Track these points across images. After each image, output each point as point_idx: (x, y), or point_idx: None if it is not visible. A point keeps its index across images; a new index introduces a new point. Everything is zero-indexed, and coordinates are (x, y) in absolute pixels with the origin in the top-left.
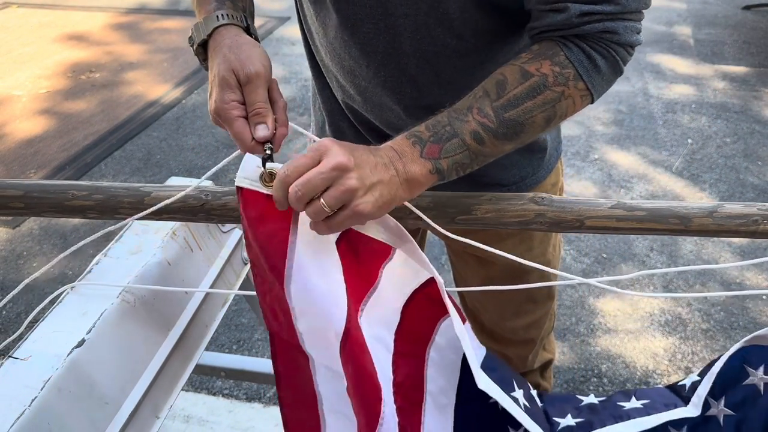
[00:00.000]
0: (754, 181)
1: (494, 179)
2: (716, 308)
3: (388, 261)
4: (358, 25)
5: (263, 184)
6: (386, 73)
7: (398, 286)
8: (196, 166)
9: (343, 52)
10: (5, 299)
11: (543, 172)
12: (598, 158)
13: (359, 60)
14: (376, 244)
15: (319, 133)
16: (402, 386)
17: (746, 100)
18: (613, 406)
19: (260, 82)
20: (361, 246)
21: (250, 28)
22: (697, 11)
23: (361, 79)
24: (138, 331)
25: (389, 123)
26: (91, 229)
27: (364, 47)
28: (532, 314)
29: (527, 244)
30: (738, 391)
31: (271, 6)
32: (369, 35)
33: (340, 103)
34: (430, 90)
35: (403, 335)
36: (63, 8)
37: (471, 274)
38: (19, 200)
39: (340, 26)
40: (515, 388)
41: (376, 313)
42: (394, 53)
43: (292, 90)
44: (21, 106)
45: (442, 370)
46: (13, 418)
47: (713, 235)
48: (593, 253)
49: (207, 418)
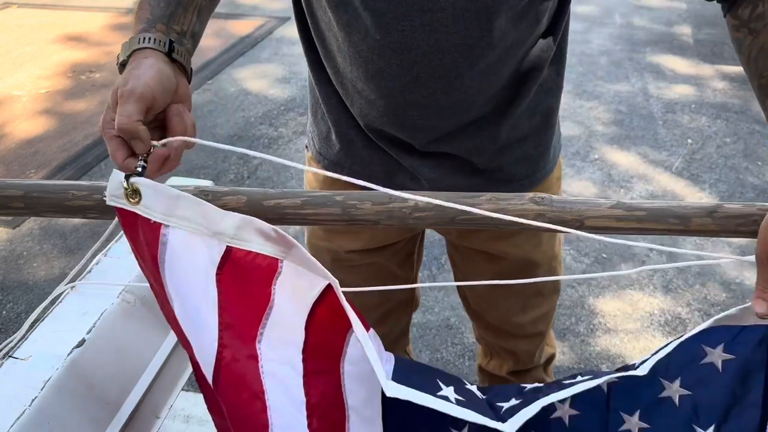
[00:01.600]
0: (754, 181)
1: (509, 174)
2: (716, 308)
3: (278, 276)
4: (393, 24)
5: (128, 201)
6: (419, 69)
7: (295, 301)
8: (196, 166)
9: (372, 54)
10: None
11: (551, 164)
12: (598, 158)
13: (390, 59)
14: (261, 260)
15: (322, 143)
16: (318, 407)
17: (746, 100)
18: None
19: (132, 99)
20: (246, 265)
21: (174, 53)
22: (697, 11)
23: (389, 80)
24: (138, 331)
25: (410, 124)
26: (91, 229)
27: (399, 45)
28: (539, 308)
29: (537, 238)
30: (694, 370)
31: (271, 6)
32: (404, 32)
33: (352, 111)
34: (461, 83)
35: (311, 353)
36: (63, 8)
37: (478, 272)
38: (19, 200)
39: (373, 26)
40: (442, 387)
41: (277, 334)
42: (429, 49)
43: (292, 90)
44: (21, 106)
45: (361, 381)
46: (13, 418)
47: (713, 235)
48: (593, 253)
49: (207, 418)
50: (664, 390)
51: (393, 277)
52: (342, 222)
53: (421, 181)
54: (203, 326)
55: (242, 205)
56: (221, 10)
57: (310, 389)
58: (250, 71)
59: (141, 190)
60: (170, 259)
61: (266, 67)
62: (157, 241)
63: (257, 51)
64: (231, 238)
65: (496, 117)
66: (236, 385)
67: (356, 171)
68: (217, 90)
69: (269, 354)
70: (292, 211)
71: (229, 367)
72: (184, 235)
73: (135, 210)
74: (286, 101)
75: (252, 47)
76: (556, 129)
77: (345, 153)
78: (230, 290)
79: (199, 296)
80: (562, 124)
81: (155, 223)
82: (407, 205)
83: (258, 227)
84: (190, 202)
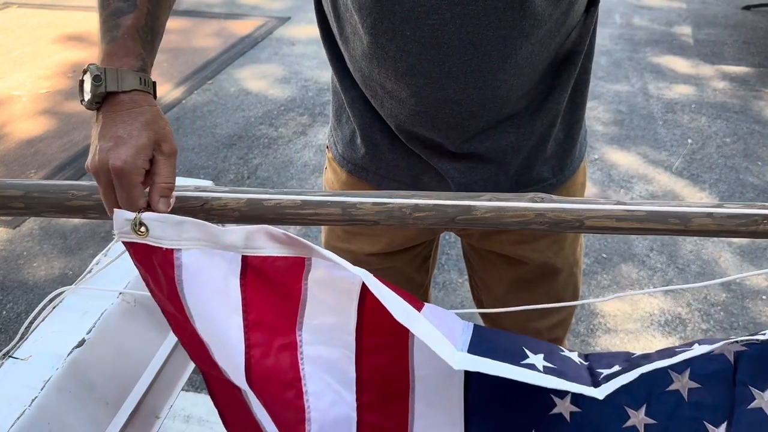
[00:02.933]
0: (754, 181)
1: (538, 175)
2: (716, 308)
3: (308, 271)
4: (422, 18)
5: (137, 234)
6: (451, 64)
7: (339, 288)
8: (196, 166)
9: (401, 52)
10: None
11: (577, 161)
12: (598, 158)
13: (421, 55)
14: (283, 261)
15: (346, 147)
16: (370, 382)
17: (746, 100)
18: (669, 352)
19: (175, 158)
20: (267, 268)
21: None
22: (697, 11)
23: (419, 77)
24: (138, 331)
25: (442, 122)
26: (91, 229)
27: (429, 40)
28: (558, 314)
29: (560, 244)
30: (662, 397)
31: (271, 6)
32: (434, 27)
33: (381, 113)
34: (495, 77)
35: (367, 332)
36: (63, 8)
37: (497, 275)
38: (19, 200)
39: (403, 22)
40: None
41: (321, 320)
42: (461, 43)
43: (292, 90)
44: (21, 106)
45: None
46: (13, 418)
47: (713, 235)
48: (593, 253)
49: (207, 418)
50: (629, 419)
51: (410, 281)
52: (342, 222)
53: (449, 185)
54: (227, 334)
55: (242, 205)
56: (221, 10)
57: (363, 366)
58: (250, 71)
59: (146, 224)
60: (187, 279)
61: (266, 67)
62: (173, 265)
63: (257, 51)
64: (244, 248)
65: (531, 113)
66: (269, 380)
67: (381, 175)
68: (217, 90)
69: (311, 339)
70: (292, 211)
71: (260, 364)
72: (198, 254)
73: (146, 242)
74: (286, 101)
75: (252, 47)
76: (583, 125)
77: (370, 157)
78: (257, 293)
79: (221, 306)
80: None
81: (168, 250)
82: (407, 205)
83: (270, 233)
84: (194, 225)
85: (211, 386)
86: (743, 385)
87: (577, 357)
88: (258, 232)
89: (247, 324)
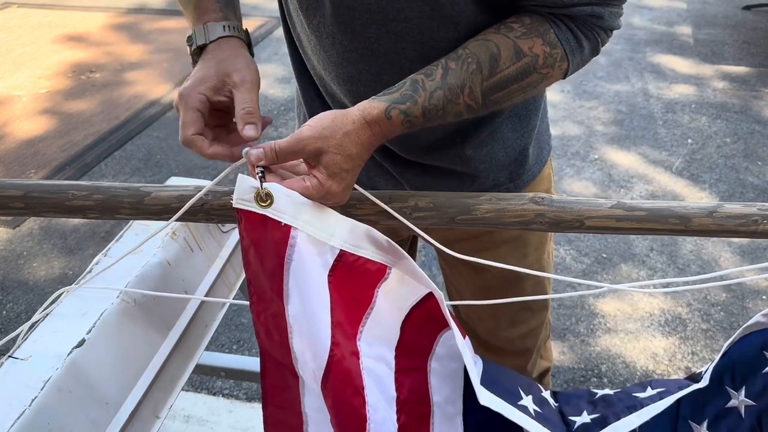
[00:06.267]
0: (754, 181)
1: (494, 180)
2: (716, 308)
3: (384, 281)
4: (359, 31)
5: (258, 204)
6: (388, 77)
7: (396, 303)
8: (196, 166)
9: (342, 59)
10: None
11: (536, 167)
12: (598, 158)
13: (359, 65)
14: (371, 265)
15: None
16: (407, 402)
17: (746, 100)
18: (628, 396)
19: (254, 87)
20: (355, 269)
21: (251, 46)
22: (697, 11)
23: (360, 85)
24: (138, 331)
25: None
26: (91, 229)
27: (366, 52)
28: (527, 323)
29: (522, 250)
30: (758, 380)
31: (271, 6)
32: (371, 40)
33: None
34: None
35: (403, 351)
36: (63, 8)
37: (464, 283)
38: (19, 200)
39: (339, 32)
40: (522, 396)
41: (375, 333)
42: (396, 57)
43: (292, 90)
44: (21, 106)
45: (446, 379)
46: (13, 418)
47: (713, 235)
48: (593, 253)
49: (207, 418)
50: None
51: None
52: None
53: (404, 187)
54: (318, 325)
55: None
56: None
57: (401, 385)
58: None
59: (273, 195)
60: (297, 260)
61: (266, 67)
62: (286, 242)
63: (257, 51)
64: (344, 242)
65: (475, 126)
66: (344, 382)
67: None
68: None
69: (367, 351)
70: None
71: (339, 364)
72: (305, 239)
73: (265, 213)
74: (286, 101)
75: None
76: (543, 131)
77: None
78: (339, 292)
79: (316, 298)
80: (563, 125)
81: (286, 225)
82: (407, 205)
83: (372, 236)
84: (313, 206)
85: (266, 367)
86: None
87: (550, 397)
88: (361, 229)
89: (332, 322)
